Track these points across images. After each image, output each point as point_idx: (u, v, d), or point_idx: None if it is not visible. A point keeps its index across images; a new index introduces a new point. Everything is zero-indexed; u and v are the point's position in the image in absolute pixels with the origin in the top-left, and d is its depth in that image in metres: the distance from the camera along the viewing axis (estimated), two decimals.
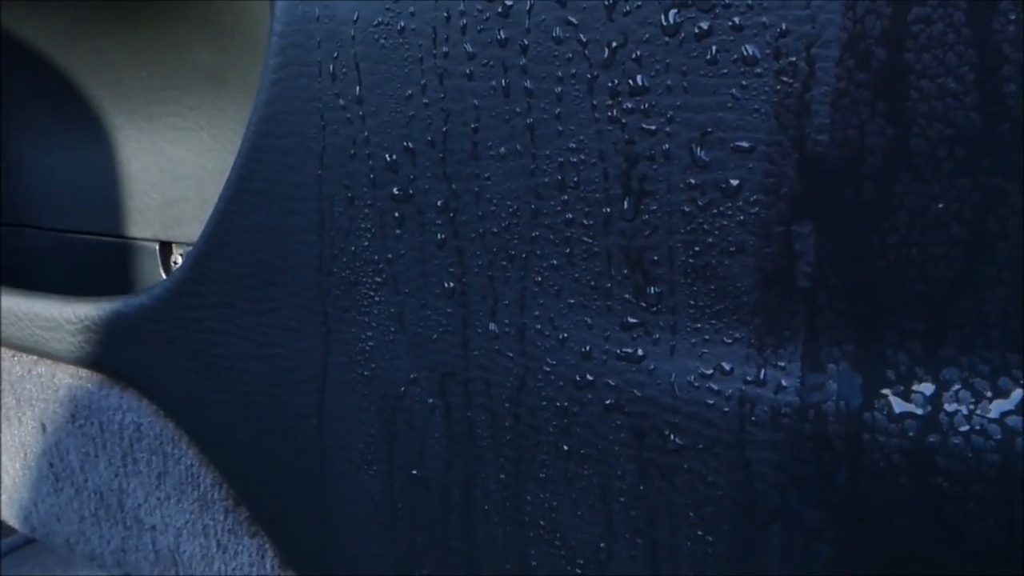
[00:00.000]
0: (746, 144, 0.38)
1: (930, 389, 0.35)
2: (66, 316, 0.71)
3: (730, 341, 0.40)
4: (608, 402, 0.43)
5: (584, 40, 0.41)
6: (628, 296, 0.42)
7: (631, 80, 0.41)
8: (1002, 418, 0.34)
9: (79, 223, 1.07)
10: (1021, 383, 0.34)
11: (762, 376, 0.39)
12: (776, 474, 0.39)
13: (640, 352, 0.42)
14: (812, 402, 0.38)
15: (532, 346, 0.45)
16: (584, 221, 0.43)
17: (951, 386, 0.35)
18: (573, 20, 0.41)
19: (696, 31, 0.39)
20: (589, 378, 0.44)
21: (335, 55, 0.50)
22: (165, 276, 0.98)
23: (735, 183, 0.39)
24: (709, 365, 0.40)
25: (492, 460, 0.48)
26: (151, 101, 0.94)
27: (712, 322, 0.40)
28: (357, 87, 0.49)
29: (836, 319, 0.37)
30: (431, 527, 0.51)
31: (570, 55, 0.42)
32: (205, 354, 0.62)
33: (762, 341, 0.39)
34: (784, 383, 0.38)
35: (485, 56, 0.44)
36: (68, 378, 0.75)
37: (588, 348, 0.44)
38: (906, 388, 0.36)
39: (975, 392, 0.35)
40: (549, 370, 0.45)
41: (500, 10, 0.43)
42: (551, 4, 0.42)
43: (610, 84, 0.41)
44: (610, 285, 0.43)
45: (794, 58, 0.37)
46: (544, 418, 0.46)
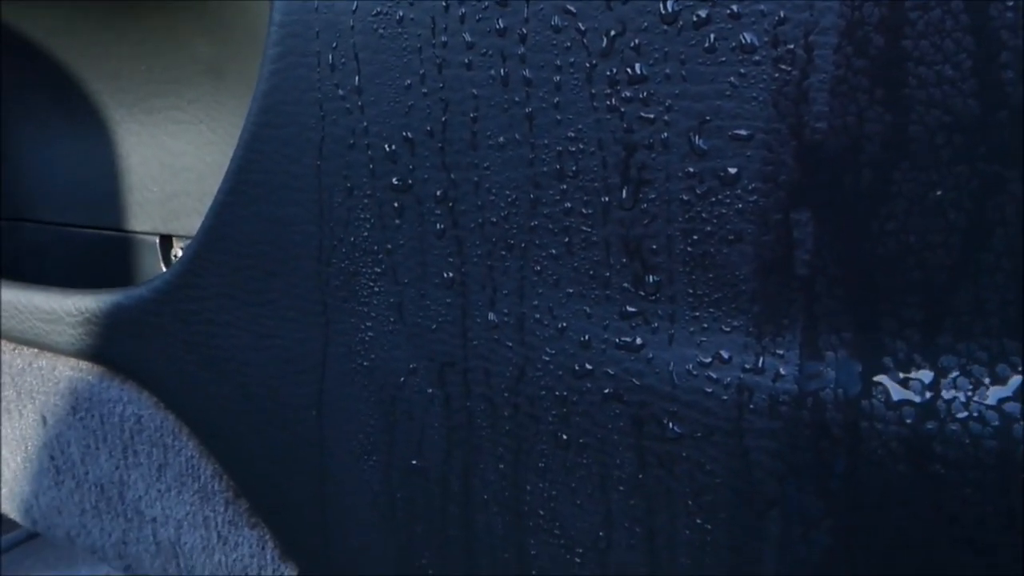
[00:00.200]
0: (744, 132, 0.38)
1: (928, 376, 0.35)
2: (66, 309, 0.72)
3: (728, 329, 0.40)
4: (607, 391, 0.43)
5: (582, 29, 0.41)
6: (627, 285, 0.42)
7: (629, 69, 0.41)
8: (1000, 405, 0.34)
9: (79, 217, 1.07)
10: (1019, 370, 0.34)
11: (760, 364, 0.39)
12: (774, 462, 0.39)
13: (639, 341, 0.42)
14: (810, 390, 0.38)
15: (531, 336, 0.45)
16: (583, 210, 0.43)
17: (949, 373, 0.35)
18: (571, 9, 0.41)
19: (694, 19, 0.39)
20: (588, 367, 0.44)
21: (334, 45, 0.50)
22: (165, 269, 0.98)
23: (733, 171, 0.39)
24: (708, 353, 0.40)
25: (491, 450, 0.48)
26: (151, 94, 0.94)
27: (710, 310, 0.40)
28: (356, 77, 0.49)
29: (834, 307, 0.37)
30: (430, 517, 0.51)
31: (568, 44, 0.42)
32: (205, 346, 0.62)
33: (760, 329, 0.39)
34: (782, 371, 0.38)
35: (483, 45, 0.44)
36: (69, 371, 0.75)
37: (587, 337, 0.44)
38: (904, 376, 0.36)
39: (973, 379, 0.35)
40: (548, 359, 0.45)
41: (498, 0, 0.43)
42: None
43: (608, 73, 0.41)
44: (609, 274, 0.43)
45: (792, 46, 0.37)
46: (543, 407, 0.46)
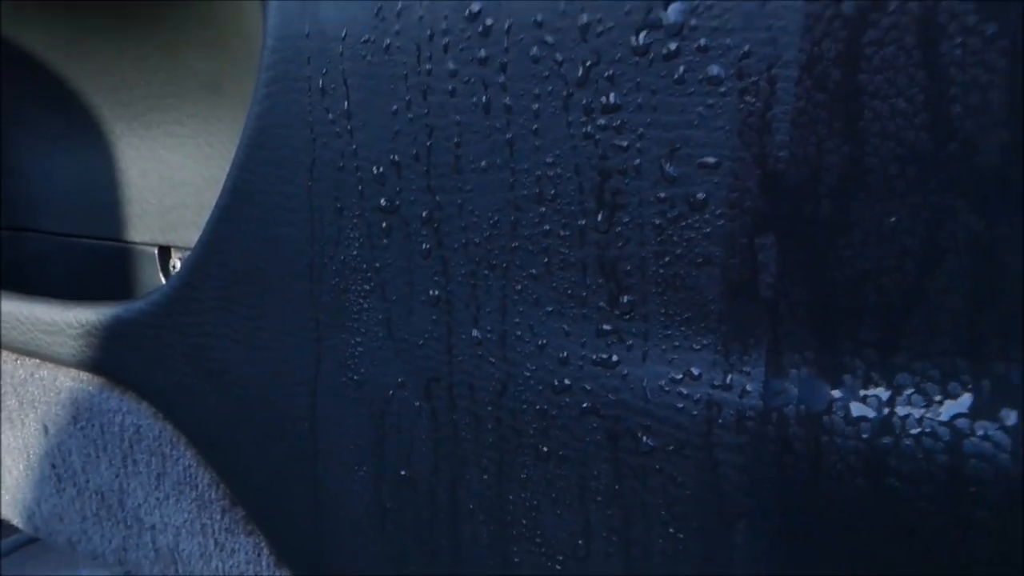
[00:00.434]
0: (712, 160, 0.40)
1: (884, 394, 0.37)
2: (67, 320, 0.73)
3: (698, 347, 0.42)
4: (584, 405, 0.45)
5: (560, 59, 0.43)
6: (603, 304, 0.44)
7: (604, 98, 0.42)
8: (952, 421, 0.36)
9: (80, 227, 1.09)
10: (969, 387, 0.36)
11: (728, 381, 0.41)
12: (741, 475, 0.41)
13: (614, 358, 0.44)
14: (775, 406, 0.40)
15: (513, 352, 0.47)
16: (561, 232, 0.45)
17: (903, 391, 0.37)
18: (549, 40, 0.43)
19: (664, 52, 0.40)
20: (567, 383, 0.46)
21: (324, 71, 0.52)
22: (164, 279, 1.00)
23: (702, 197, 0.40)
24: (679, 370, 0.42)
25: (476, 461, 0.50)
26: (150, 109, 0.96)
27: (681, 329, 0.42)
28: (345, 102, 0.51)
29: (797, 327, 0.39)
30: (419, 525, 0.53)
31: (547, 73, 0.44)
32: (202, 359, 0.63)
33: (728, 348, 0.41)
34: (749, 388, 0.40)
35: (466, 74, 0.46)
36: (70, 381, 0.77)
37: (565, 354, 0.46)
38: (862, 393, 0.38)
39: (926, 397, 0.37)
40: (529, 375, 0.47)
41: (480, 30, 0.45)
42: (529, 25, 0.44)
43: (584, 101, 0.43)
44: (585, 294, 0.45)
45: (756, 78, 0.38)
46: (525, 421, 0.48)
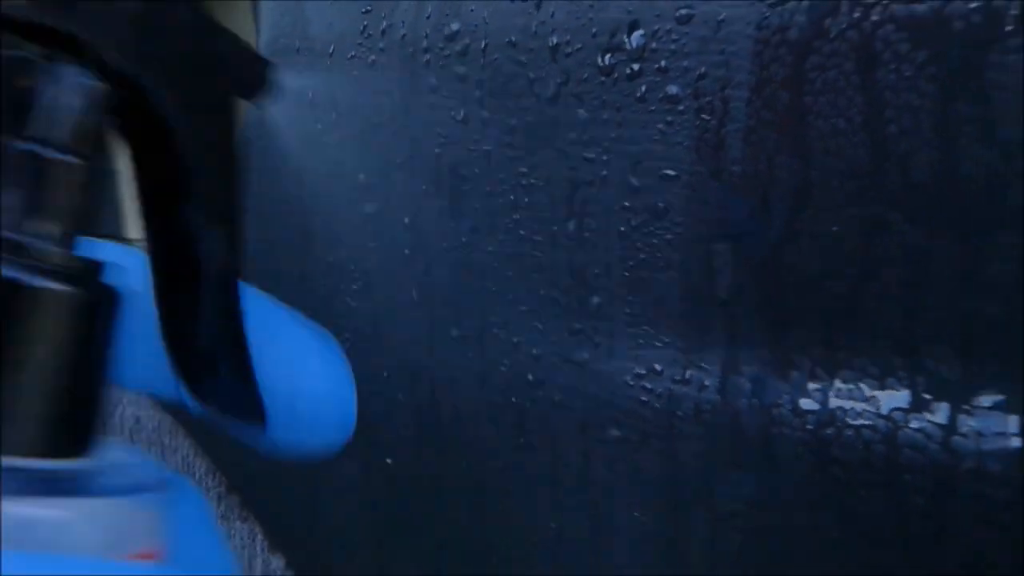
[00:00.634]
0: (672, 172, 0.43)
1: (828, 388, 0.41)
2: None
3: (661, 345, 0.45)
4: (556, 399, 0.49)
5: (532, 78, 0.46)
6: (573, 305, 0.47)
7: (573, 113, 0.46)
8: (890, 414, 0.40)
9: None
10: (905, 383, 0.39)
11: (687, 376, 0.44)
12: (698, 463, 0.44)
13: (584, 355, 0.47)
14: (730, 400, 0.43)
15: (490, 349, 0.51)
16: (535, 238, 0.48)
17: (846, 385, 0.40)
18: (522, 60, 0.46)
19: (628, 72, 0.44)
20: (540, 378, 0.49)
21: (314, 84, 0.55)
22: None
23: (663, 206, 0.44)
24: (643, 366, 0.46)
25: (456, 451, 0.53)
26: None
27: (645, 328, 0.45)
28: (333, 113, 0.54)
29: (750, 327, 0.42)
30: (403, 511, 0.57)
31: (520, 90, 0.47)
32: None
33: (688, 345, 0.44)
34: (706, 383, 0.44)
35: (446, 89, 0.49)
36: None
37: (538, 352, 0.49)
38: (808, 387, 0.41)
39: (866, 391, 0.40)
40: (505, 370, 0.50)
41: (459, 49, 0.48)
42: (503, 45, 0.47)
43: (555, 116, 0.46)
44: (557, 295, 0.48)
45: (711, 98, 0.42)
46: (502, 414, 0.51)
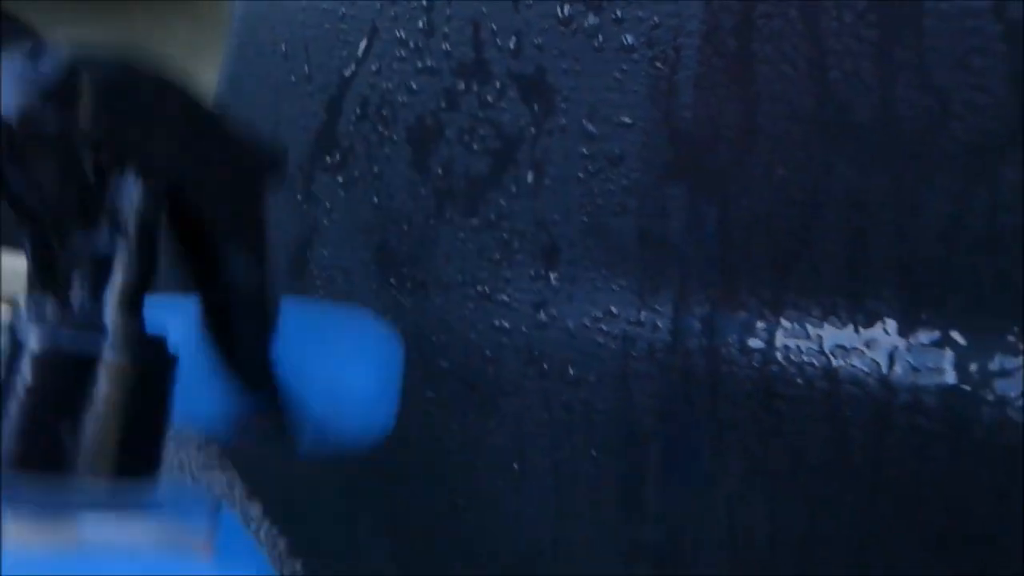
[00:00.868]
0: (628, 120, 0.45)
1: (774, 327, 0.42)
2: None
3: (617, 289, 0.46)
4: (520, 343, 0.50)
5: (494, 28, 0.48)
6: (536, 252, 0.49)
7: (534, 63, 0.47)
8: (832, 351, 0.41)
9: None
10: (846, 321, 0.41)
11: (641, 318, 0.46)
12: (652, 401, 0.45)
13: (544, 299, 0.49)
14: (681, 340, 0.44)
15: (453, 295, 0.52)
16: (498, 185, 0.49)
17: (790, 324, 0.42)
18: (484, 10, 0.48)
19: (586, 23, 0.45)
20: (507, 325, 0.51)
21: (287, 37, 0.56)
22: None
23: (619, 153, 0.45)
24: (600, 309, 0.47)
25: (422, 397, 0.55)
26: None
27: (602, 272, 0.47)
28: (306, 66, 0.56)
29: (701, 269, 0.44)
30: (369, 456, 0.58)
31: (483, 39, 0.48)
32: None
33: (642, 288, 0.46)
34: (659, 324, 0.45)
35: (412, 40, 0.51)
36: None
37: (505, 298, 0.51)
38: (755, 327, 0.43)
39: (809, 329, 0.41)
40: (468, 316, 0.52)
41: (425, 3, 0.49)
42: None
43: (517, 67, 0.47)
44: (520, 243, 0.49)
45: (664, 47, 0.43)
46: (471, 362, 0.53)
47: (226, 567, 0.26)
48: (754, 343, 0.43)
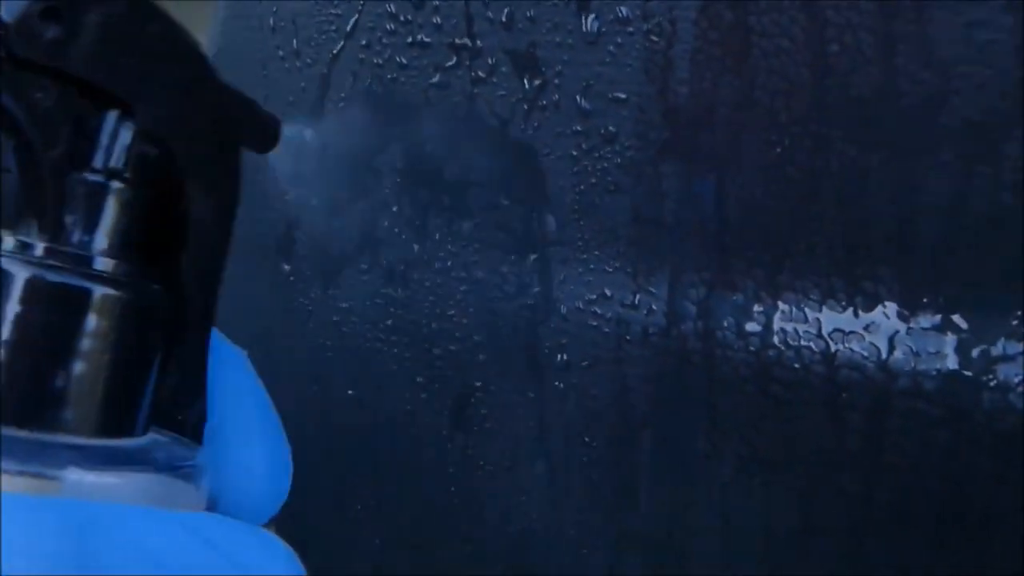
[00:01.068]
0: (622, 95, 0.43)
1: (771, 310, 0.41)
2: None
3: (611, 270, 0.45)
4: (512, 327, 0.49)
5: (485, 1, 0.46)
6: (529, 233, 0.48)
7: (526, 37, 0.46)
8: (829, 335, 0.40)
9: None
10: (844, 304, 0.40)
11: (636, 301, 0.44)
12: (646, 386, 0.44)
13: (537, 282, 0.48)
14: (676, 323, 0.43)
15: (444, 276, 0.51)
16: (488, 166, 0.48)
17: (787, 307, 0.41)
18: None
19: None
20: (498, 308, 0.50)
21: (274, 10, 0.55)
22: None
23: (613, 130, 0.44)
24: (593, 292, 0.46)
25: (414, 384, 0.54)
26: None
27: (596, 253, 0.46)
28: (294, 40, 0.54)
29: (696, 250, 0.43)
30: (364, 454, 0.57)
31: (474, 14, 0.47)
32: None
33: (636, 270, 0.44)
34: (654, 307, 0.44)
35: (403, 13, 0.49)
36: None
37: (497, 281, 0.49)
38: (751, 309, 0.41)
39: (807, 313, 0.40)
40: (460, 298, 0.51)
41: None
42: None
43: (509, 41, 0.46)
44: (514, 225, 0.48)
45: (659, 19, 0.42)
46: (464, 349, 0.51)
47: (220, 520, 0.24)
48: (751, 327, 0.42)
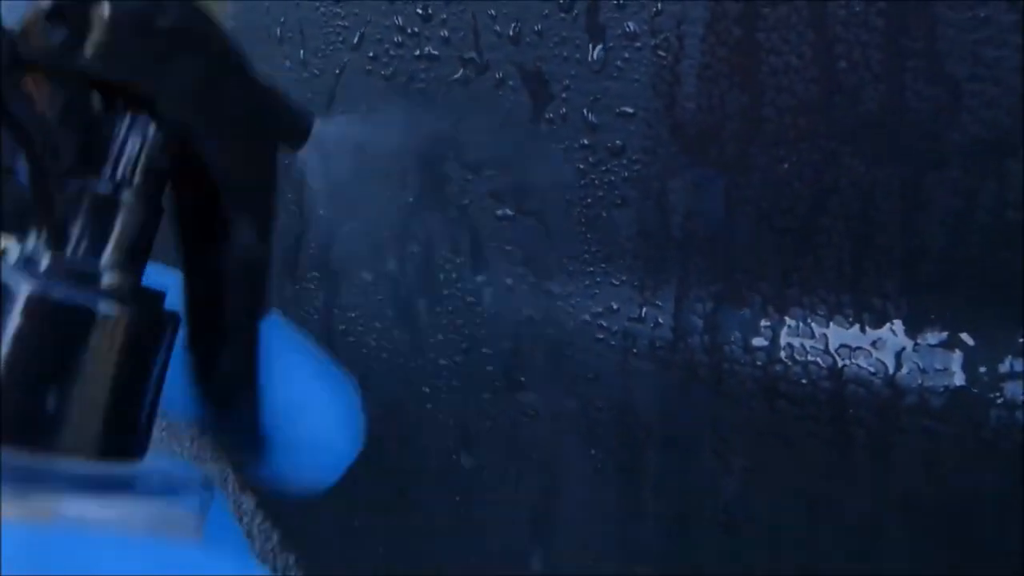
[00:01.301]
0: (629, 109, 0.43)
1: (778, 325, 0.41)
2: None
3: (617, 284, 0.45)
4: (518, 340, 0.49)
5: (493, 14, 0.46)
6: (536, 246, 0.48)
7: (534, 51, 0.46)
8: (836, 350, 0.40)
9: None
10: (850, 320, 0.40)
11: (642, 314, 0.44)
12: (652, 400, 0.44)
13: (544, 294, 0.48)
14: (683, 337, 0.43)
15: (459, 293, 0.51)
16: (498, 179, 0.48)
17: (794, 322, 0.41)
18: None
19: (587, 8, 0.44)
20: (504, 320, 0.50)
21: (282, 20, 0.55)
22: None
23: (620, 144, 0.44)
24: (600, 305, 0.46)
25: (420, 393, 0.54)
26: None
27: (602, 266, 0.46)
28: (301, 50, 0.54)
29: (703, 264, 0.43)
30: (368, 459, 0.57)
31: (485, 27, 0.47)
32: None
33: (643, 284, 0.44)
34: (660, 320, 0.44)
35: (411, 26, 0.49)
36: None
37: (503, 293, 0.50)
38: (758, 324, 0.41)
39: (814, 328, 0.40)
40: (467, 311, 0.51)
41: None
42: None
43: (516, 55, 0.46)
44: (522, 236, 0.48)
45: (667, 35, 0.42)
46: (471, 359, 0.52)
47: (212, 552, 0.23)
48: (757, 341, 0.42)
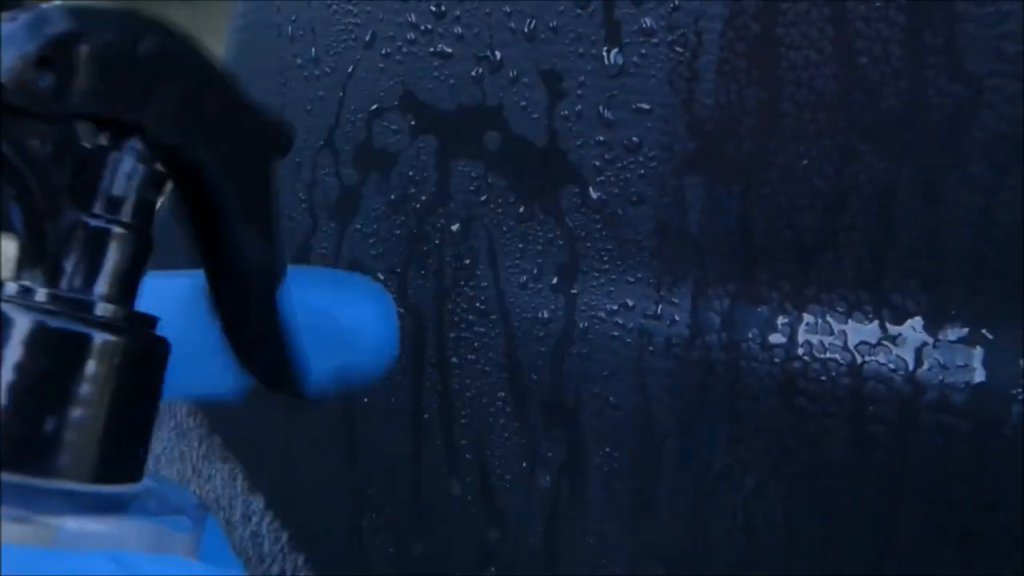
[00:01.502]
0: (646, 106, 0.43)
1: (796, 322, 0.41)
2: None
3: (633, 281, 0.45)
4: (530, 338, 0.49)
5: (508, 11, 0.46)
6: (555, 242, 0.47)
7: (550, 48, 0.45)
8: (856, 347, 0.40)
9: None
10: (871, 317, 0.39)
11: (659, 311, 0.44)
12: (668, 397, 0.44)
13: (557, 292, 0.48)
14: (700, 334, 0.43)
15: (471, 289, 0.51)
16: (513, 176, 0.48)
17: (813, 319, 0.40)
18: None
19: (602, 4, 0.43)
20: (517, 317, 0.49)
21: (293, 18, 0.55)
22: None
23: (636, 140, 0.44)
24: (615, 302, 0.46)
25: (443, 394, 0.54)
26: None
27: (618, 264, 0.45)
28: (313, 48, 0.54)
29: (721, 261, 0.42)
30: (378, 462, 0.57)
31: (499, 23, 0.47)
32: None
33: (659, 281, 0.44)
34: (677, 317, 0.44)
35: (423, 23, 0.49)
36: None
37: (516, 290, 0.49)
38: (776, 321, 0.41)
39: (833, 325, 0.40)
40: (481, 307, 0.50)
41: None
42: None
43: (532, 51, 0.46)
44: (539, 233, 0.48)
45: (684, 30, 0.41)
46: (484, 356, 0.51)
47: (209, 571, 0.24)
48: (775, 338, 0.41)
